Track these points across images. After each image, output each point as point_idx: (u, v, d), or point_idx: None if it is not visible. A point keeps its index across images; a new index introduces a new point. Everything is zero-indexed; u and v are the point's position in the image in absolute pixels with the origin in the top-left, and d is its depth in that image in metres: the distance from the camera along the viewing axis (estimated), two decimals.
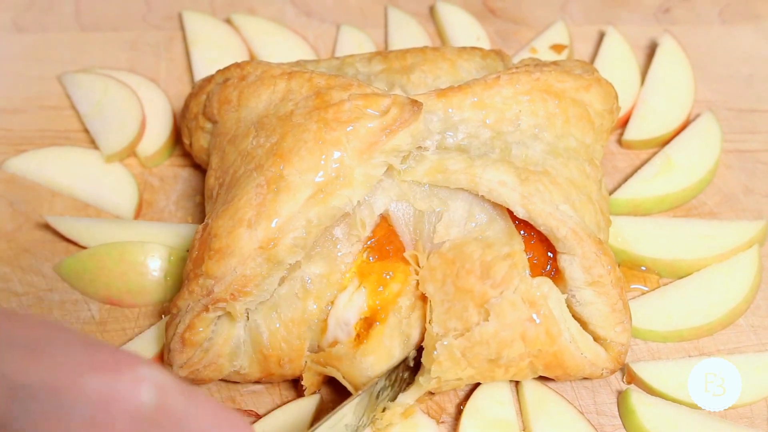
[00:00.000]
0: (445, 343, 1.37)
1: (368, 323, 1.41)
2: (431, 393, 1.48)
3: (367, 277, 1.42)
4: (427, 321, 1.39)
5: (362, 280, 1.42)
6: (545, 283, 1.39)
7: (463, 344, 1.37)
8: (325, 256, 1.42)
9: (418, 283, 1.42)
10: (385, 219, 1.45)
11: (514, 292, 1.37)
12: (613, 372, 1.46)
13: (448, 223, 1.44)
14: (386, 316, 1.40)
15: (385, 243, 1.44)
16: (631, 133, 1.85)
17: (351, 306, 1.41)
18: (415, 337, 1.42)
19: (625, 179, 1.78)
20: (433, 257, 1.41)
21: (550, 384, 1.50)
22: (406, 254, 1.43)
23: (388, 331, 1.40)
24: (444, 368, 1.37)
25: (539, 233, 1.42)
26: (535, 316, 1.38)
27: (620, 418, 1.48)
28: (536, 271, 1.43)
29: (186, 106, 1.68)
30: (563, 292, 1.43)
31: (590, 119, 1.55)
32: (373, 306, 1.41)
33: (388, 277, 1.42)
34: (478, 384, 1.49)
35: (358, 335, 1.41)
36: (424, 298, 1.42)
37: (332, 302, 1.42)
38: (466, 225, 1.44)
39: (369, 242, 1.45)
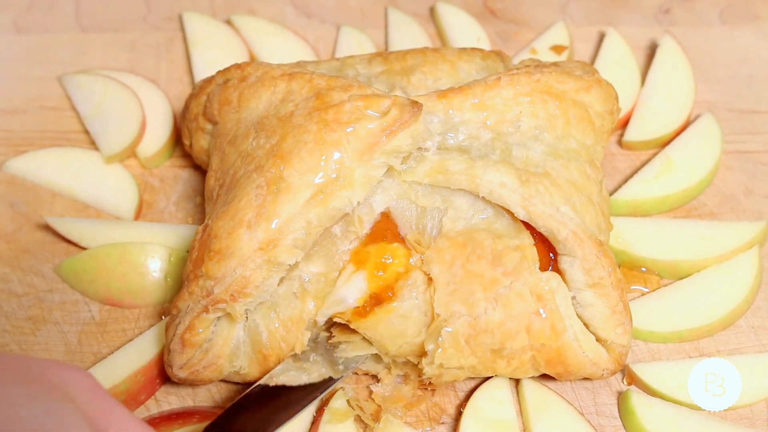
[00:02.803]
0: (450, 329, 1.37)
1: (376, 301, 1.39)
2: (431, 386, 1.48)
3: (365, 262, 1.41)
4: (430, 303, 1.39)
5: (359, 265, 1.41)
6: (554, 278, 1.40)
7: (468, 332, 1.37)
8: (323, 254, 1.42)
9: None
10: (384, 214, 1.45)
11: (523, 284, 1.37)
12: (613, 373, 1.46)
13: (454, 217, 1.43)
14: (394, 294, 1.39)
15: (383, 230, 1.43)
16: (632, 134, 1.85)
17: (349, 287, 1.40)
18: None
19: (626, 180, 1.78)
20: (440, 239, 1.40)
21: (551, 384, 1.50)
22: (409, 237, 1.41)
23: (398, 311, 1.39)
24: (447, 355, 1.37)
25: (540, 235, 1.43)
26: (541, 310, 1.38)
27: (620, 419, 1.48)
28: None
29: (186, 107, 1.68)
30: None
31: (591, 120, 1.55)
32: (377, 286, 1.40)
33: (387, 261, 1.40)
34: (478, 385, 1.50)
35: (362, 308, 1.39)
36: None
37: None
38: (472, 218, 1.44)
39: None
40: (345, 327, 1.43)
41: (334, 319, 1.40)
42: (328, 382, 1.42)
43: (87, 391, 1.09)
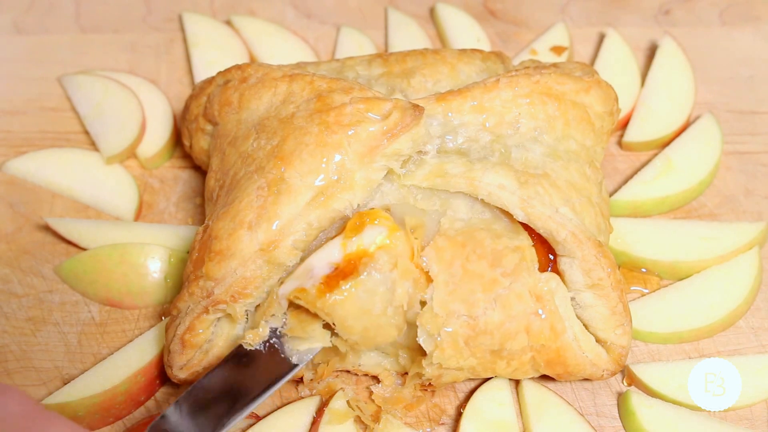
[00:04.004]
0: (449, 330, 1.36)
1: (340, 275, 1.33)
2: (431, 387, 1.48)
3: (341, 230, 1.38)
4: (428, 301, 1.37)
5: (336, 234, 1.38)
6: (553, 279, 1.40)
7: (467, 333, 1.37)
8: (315, 251, 1.41)
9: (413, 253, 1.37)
10: (384, 207, 1.43)
11: (523, 284, 1.37)
12: (613, 374, 1.46)
13: (452, 218, 1.43)
14: (357, 271, 1.33)
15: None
16: (632, 135, 1.85)
17: (321, 254, 1.35)
18: (401, 295, 1.35)
19: (625, 181, 1.78)
20: (439, 238, 1.39)
21: (551, 385, 1.50)
22: (408, 221, 1.38)
23: (365, 285, 1.33)
24: (446, 355, 1.37)
25: (539, 236, 1.43)
26: (540, 311, 1.38)
27: (620, 419, 1.48)
28: None
29: (186, 107, 1.68)
30: None
31: (590, 121, 1.55)
32: (347, 257, 1.34)
33: (365, 219, 1.35)
34: (477, 386, 1.50)
35: (325, 283, 1.33)
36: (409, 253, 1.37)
37: None
38: (470, 220, 1.44)
39: None
40: (302, 315, 1.37)
41: (296, 301, 1.34)
42: (282, 375, 1.37)
43: (14, 416, 1.05)
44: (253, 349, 1.37)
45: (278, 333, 1.38)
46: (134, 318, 1.59)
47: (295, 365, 1.38)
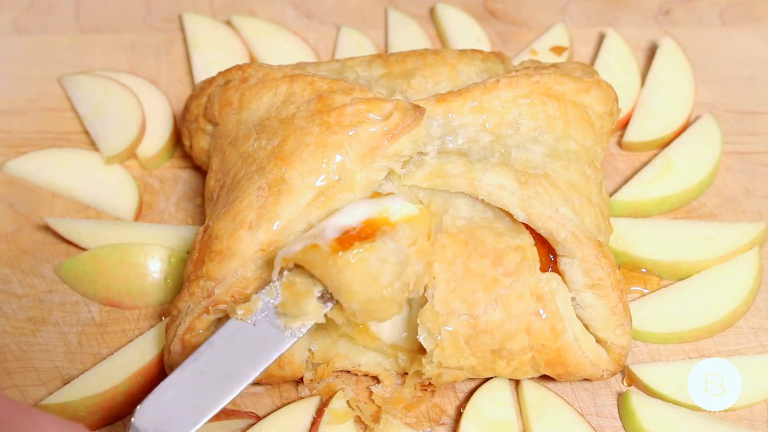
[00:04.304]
0: (450, 328, 1.36)
1: (355, 238, 1.30)
2: (431, 387, 1.48)
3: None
4: (429, 299, 1.36)
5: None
6: (554, 279, 1.40)
7: (467, 332, 1.37)
8: None
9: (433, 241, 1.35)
10: None
11: (524, 284, 1.37)
12: (613, 374, 1.46)
13: (455, 216, 1.43)
14: (374, 235, 1.30)
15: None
16: (632, 135, 1.85)
17: (334, 218, 1.33)
18: (410, 272, 1.32)
19: (626, 181, 1.78)
20: (441, 236, 1.39)
21: (551, 385, 1.50)
22: (434, 204, 1.38)
23: (379, 252, 1.28)
24: (446, 354, 1.37)
25: (540, 236, 1.43)
26: (541, 311, 1.38)
27: (620, 419, 1.48)
28: None
29: (186, 107, 1.68)
30: None
31: (590, 121, 1.55)
32: (368, 221, 1.32)
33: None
34: (478, 386, 1.50)
35: (338, 242, 1.30)
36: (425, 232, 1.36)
37: None
38: (472, 218, 1.44)
39: None
40: (296, 288, 1.32)
41: (302, 262, 1.29)
42: (271, 353, 1.33)
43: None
44: (244, 323, 1.33)
45: (270, 305, 1.34)
46: (134, 318, 1.59)
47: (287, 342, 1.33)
